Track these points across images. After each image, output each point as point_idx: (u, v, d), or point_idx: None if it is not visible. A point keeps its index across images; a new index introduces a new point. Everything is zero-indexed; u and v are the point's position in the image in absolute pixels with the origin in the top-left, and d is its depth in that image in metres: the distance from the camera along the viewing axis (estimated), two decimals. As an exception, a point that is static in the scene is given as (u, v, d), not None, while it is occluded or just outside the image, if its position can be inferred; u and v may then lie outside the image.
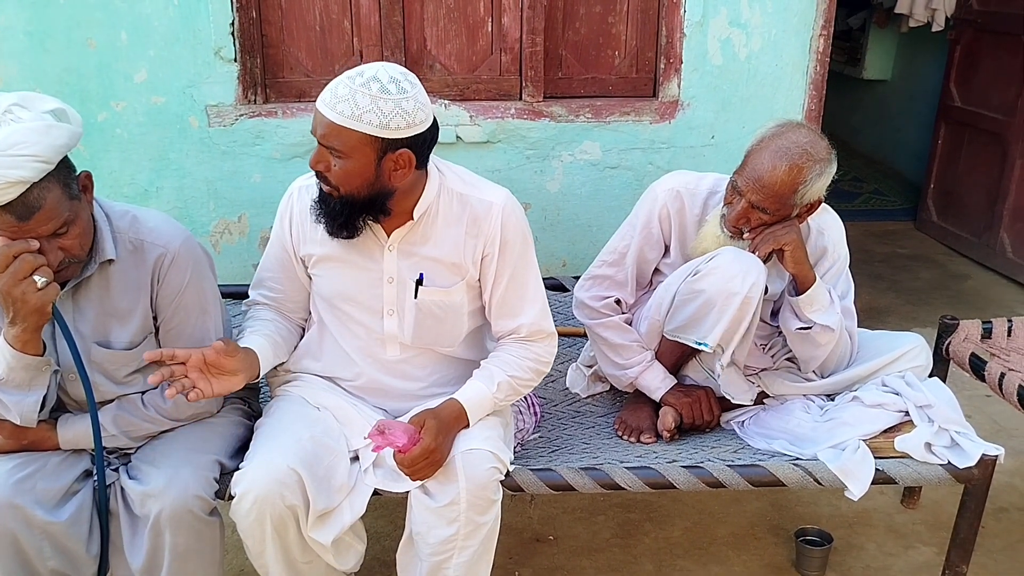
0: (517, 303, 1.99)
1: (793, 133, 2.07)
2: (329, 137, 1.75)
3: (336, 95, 1.74)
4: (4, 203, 1.59)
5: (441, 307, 1.96)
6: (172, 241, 1.88)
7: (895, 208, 5.61)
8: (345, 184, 1.79)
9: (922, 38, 5.44)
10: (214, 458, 1.91)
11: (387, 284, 1.95)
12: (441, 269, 1.95)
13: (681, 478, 2.04)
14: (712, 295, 2.09)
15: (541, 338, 2.03)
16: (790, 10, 2.98)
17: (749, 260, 2.10)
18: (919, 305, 4.17)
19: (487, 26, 3.06)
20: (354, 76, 1.74)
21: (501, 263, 1.95)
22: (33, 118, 1.63)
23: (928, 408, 2.14)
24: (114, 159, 2.98)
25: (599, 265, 2.38)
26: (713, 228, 2.17)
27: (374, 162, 1.77)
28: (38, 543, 1.78)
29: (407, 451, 1.79)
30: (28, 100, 1.65)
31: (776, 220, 2.10)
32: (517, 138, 3.06)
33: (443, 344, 2.03)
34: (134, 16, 2.84)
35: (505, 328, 2.02)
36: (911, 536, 2.62)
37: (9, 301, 1.65)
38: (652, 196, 2.30)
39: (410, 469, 1.81)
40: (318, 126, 1.77)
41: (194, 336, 1.92)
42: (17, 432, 1.84)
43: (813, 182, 2.05)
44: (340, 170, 1.78)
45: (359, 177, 1.78)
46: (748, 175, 2.07)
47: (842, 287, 2.27)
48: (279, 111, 2.99)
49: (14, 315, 1.67)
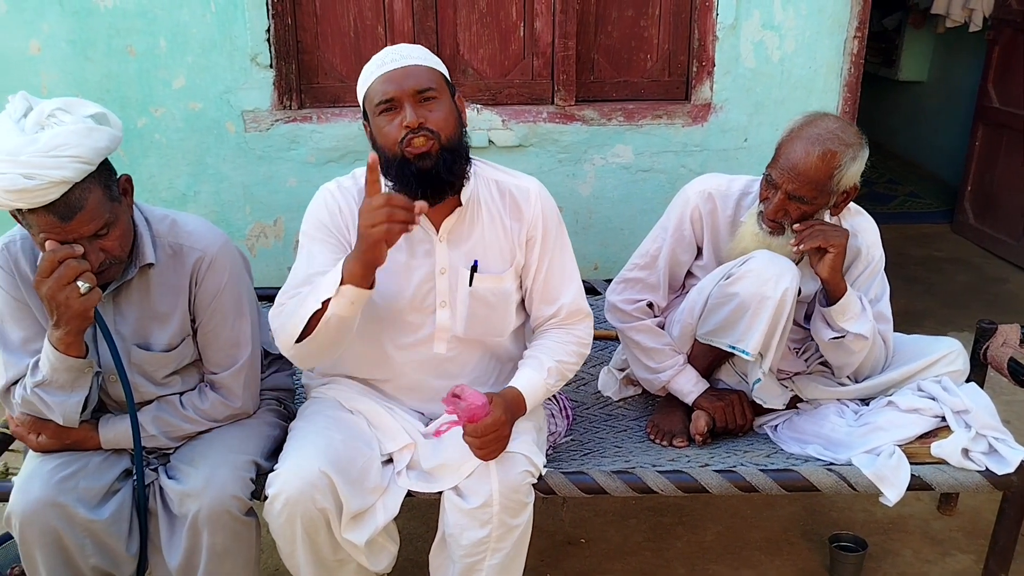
0: (558, 285, 2.03)
1: (823, 121, 2.08)
2: (422, 80, 1.82)
3: (396, 52, 1.85)
4: (47, 203, 1.63)
5: (495, 294, 1.99)
6: (210, 245, 1.91)
7: (931, 210, 5.53)
8: (445, 127, 1.83)
9: (959, 38, 5.37)
10: (250, 459, 1.94)
11: (439, 276, 1.96)
12: (492, 256, 1.98)
13: (714, 482, 2.04)
14: (745, 299, 2.08)
15: (580, 319, 2.06)
16: (824, 12, 2.97)
17: (782, 263, 2.09)
18: (956, 309, 4.11)
19: (519, 31, 3.08)
20: (390, 48, 1.88)
21: (543, 246, 2.00)
22: (75, 121, 1.68)
23: (965, 413, 2.11)
24: (153, 164, 3.04)
25: (631, 268, 2.38)
26: (751, 226, 2.16)
27: (451, 101, 1.87)
28: (80, 541, 1.82)
29: (480, 418, 1.79)
30: (70, 105, 1.71)
31: (815, 210, 2.09)
32: (549, 142, 3.07)
33: (494, 334, 2.04)
34: (173, 24, 2.90)
35: (545, 313, 2.05)
36: (948, 543, 2.58)
37: (53, 305, 1.68)
38: (684, 198, 2.30)
39: (480, 440, 1.81)
40: (404, 79, 1.81)
41: (230, 338, 1.96)
42: (60, 432, 1.88)
43: (847, 166, 2.04)
44: (440, 113, 1.83)
45: (452, 116, 1.85)
46: (782, 166, 2.07)
47: (876, 290, 2.25)
48: (314, 116, 3.03)
49: (58, 318, 1.70)
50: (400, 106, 1.80)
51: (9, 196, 1.62)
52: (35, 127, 1.66)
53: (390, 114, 1.81)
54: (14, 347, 1.86)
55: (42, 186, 1.61)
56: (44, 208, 1.64)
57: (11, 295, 1.85)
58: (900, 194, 5.83)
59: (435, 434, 1.85)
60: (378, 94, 1.82)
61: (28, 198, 1.62)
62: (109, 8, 2.88)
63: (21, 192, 1.61)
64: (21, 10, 2.87)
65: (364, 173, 1.98)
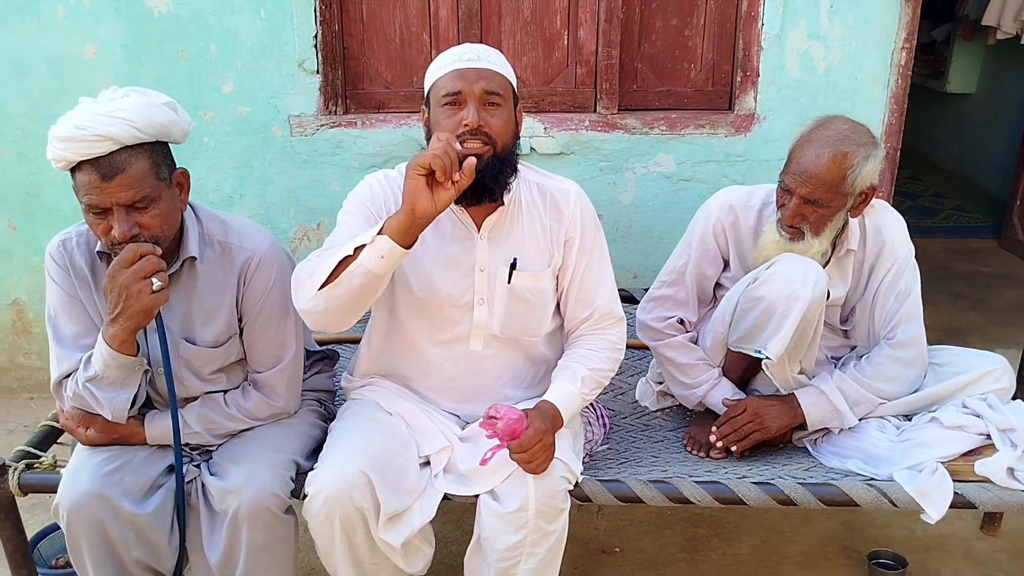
0: (593, 287, 2.05)
1: (833, 123, 2.08)
2: (492, 84, 1.84)
3: (474, 51, 1.87)
4: (92, 157, 1.68)
5: (532, 292, 2.01)
6: (259, 246, 1.95)
7: (978, 225, 5.44)
8: (503, 136, 1.85)
9: (1011, 51, 5.28)
10: (291, 458, 1.97)
11: (479, 273, 1.98)
12: (531, 255, 2.00)
13: (751, 494, 2.02)
14: (772, 301, 2.07)
15: (613, 322, 2.07)
16: (871, 23, 2.94)
17: (808, 264, 2.08)
18: (1002, 325, 4.03)
19: (563, 39, 3.09)
20: (468, 45, 1.90)
21: (581, 248, 2.03)
22: (140, 97, 1.76)
23: (1011, 432, 2.08)
24: (201, 167, 3.09)
25: (658, 286, 2.39)
26: (771, 235, 2.16)
27: (513, 111, 1.90)
28: (124, 534, 1.86)
29: (521, 432, 1.79)
30: (147, 91, 1.79)
31: (832, 213, 2.08)
32: (591, 150, 3.08)
33: (530, 333, 2.05)
34: (223, 30, 2.96)
35: (580, 315, 2.06)
36: (990, 564, 2.54)
37: (124, 296, 1.72)
38: (705, 213, 2.31)
39: (527, 454, 1.81)
40: (476, 79, 1.83)
41: (275, 338, 1.99)
42: (108, 427, 1.92)
43: (860, 166, 2.03)
44: (501, 120, 1.85)
45: (511, 126, 1.88)
46: (795, 170, 2.07)
47: (905, 283, 2.21)
48: (358, 122, 3.07)
49: (121, 311, 1.74)
50: (464, 103, 1.83)
51: (59, 145, 1.68)
52: (108, 100, 1.74)
53: (453, 108, 1.84)
54: (67, 341, 1.91)
55: (89, 136, 1.66)
56: (89, 164, 1.69)
57: (65, 291, 1.90)
58: (946, 208, 5.74)
59: (481, 463, 1.85)
60: (447, 86, 1.84)
61: (75, 148, 1.67)
62: (163, 14, 2.94)
63: (69, 141, 1.67)
64: (78, 15, 2.95)
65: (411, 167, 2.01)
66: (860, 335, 2.32)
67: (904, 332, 2.21)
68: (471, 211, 1.96)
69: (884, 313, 2.23)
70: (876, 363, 2.21)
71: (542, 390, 2.03)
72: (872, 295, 2.24)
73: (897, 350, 2.21)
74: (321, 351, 2.35)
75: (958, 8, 5.67)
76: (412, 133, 3.05)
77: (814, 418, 2.21)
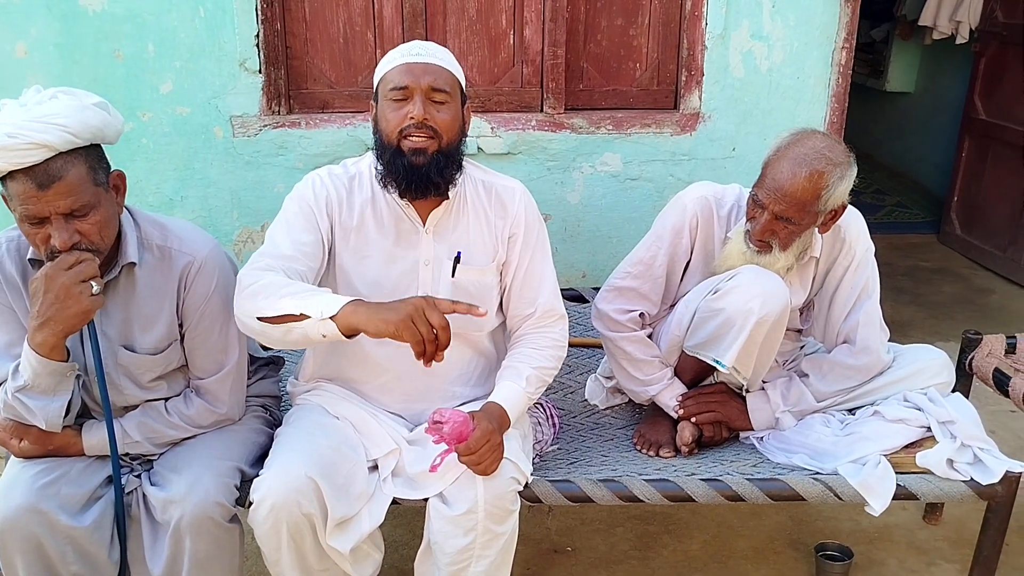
0: (535, 284, 2.06)
1: (810, 139, 2.05)
2: (439, 80, 1.86)
3: (423, 48, 1.90)
4: (27, 166, 1.62)
5: (476, 286, 2.01)
6: (200, 250, 1.91)
7: (918, 221, 5.57)
8: (448, 131, 1.88)
9: (946, 50, 5.41)
10: (235, 465, 1.93)
11: (423, 267, 1.98)
12: (476, 249, 2.01)
13: (700, 491, 2.04)
14: (732, 314, 2.08)
15: (555, 320, 2.09)
16: (812, 23, 2.98)
17: (770, 279, 2.08)
18: (942, 319, 4.14)
19: (509, 38, 3.08)
20: (418, 42, 1.94)
21: (525, 244, 2.04)
22: (71, 99, 1.71)
23: (951, 424, 2.12)
24: (140, 169, 3.02)
25: (623, 277, 2.32)
26: (738, 244, 2.14)
27: (460, 109, 1.92)
28: (61, 548, 1.80)
29: (468, 434, 1.78)
30: (73, 91, 1.74)
31: (802, 230, 2.09)
32: (538, 150, 3.08)
33: (474, 328, 2.03)
34: (161, 29, 2.89)
35: (522, 312, 2.07)
36: (933, 553, 2.59)
37: (62, 297, 1.67)
38: (680, 205, 2.26)
39: (476, 456, 1.80)
40: (423, 74, 1.85)
41: (218, 344, 1.95)
42: (43, 437, 1.86)
43: (835, 186, 2.02)
44: (447, 116, 1.87)
45: (456, 122, 1.90)
46: (769, 186, 2.04)
47: (866, 282, 2.23)
48: (302, 122, 3.02)
49: (55, 314, 1.69)
50: (411, 97, 1.85)
51: None
52: (35, 104, 1.68)
53: (399, 102, 1.86)
54: (-3, 351, 1.84)
55: (23, 145, 1.60)
56: (23, 173, 1.63)
57: (-5, 298, 1.83)
58: (887, 204, 5.87)
59: (431, 469, 1.83)
60: (394, 80, 1.86)
61: (7, 157, 1.61)
62: (98, 12, 2.86)
63: (2, 150, 1.60)
64: (7, 13, 2.85)
65: (354, 163, 2.04)
66: (816, 331, 2.34)
67: (864, 337, 2.23)
68: (416, 205, 1.96)
69: (842, 310, 2.24)
70: (832, 376, 2.26)
71: (490, 388, 2.02)
72: (830, 291, 2.26)
73: (856, 358, 2.24)
74: (267, 357, 2.31)
75: (896, 8, 5.80)
76: (357, 133, 3.01)
77: (761, 427, 2.29)
